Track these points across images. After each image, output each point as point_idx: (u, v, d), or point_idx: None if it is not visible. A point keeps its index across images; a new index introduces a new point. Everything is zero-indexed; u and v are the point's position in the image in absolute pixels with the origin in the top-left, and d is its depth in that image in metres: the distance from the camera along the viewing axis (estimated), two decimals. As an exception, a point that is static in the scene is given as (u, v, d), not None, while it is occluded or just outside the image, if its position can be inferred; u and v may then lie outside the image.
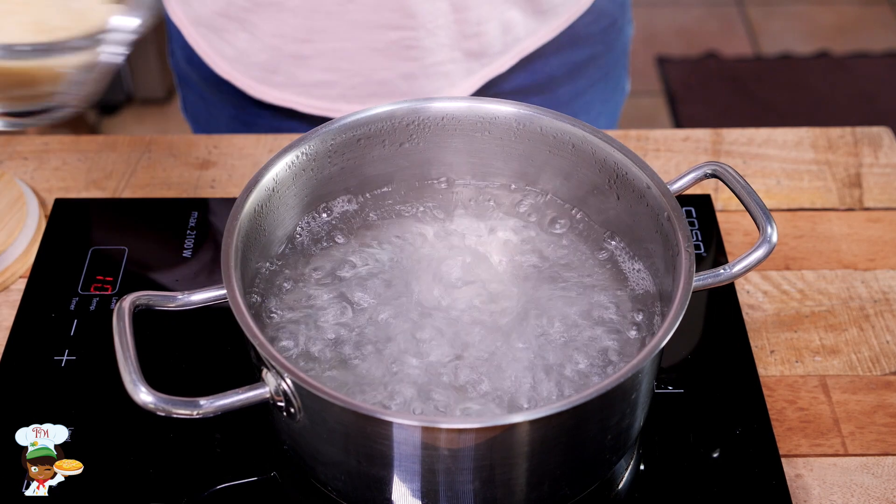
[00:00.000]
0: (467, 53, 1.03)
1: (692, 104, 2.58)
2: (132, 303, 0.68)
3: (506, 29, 1.04)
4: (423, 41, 1.01)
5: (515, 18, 1.03)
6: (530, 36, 1.06)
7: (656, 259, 0.75)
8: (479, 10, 1.01)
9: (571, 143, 0.79)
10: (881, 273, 0.91)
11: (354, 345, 0.73)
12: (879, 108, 2.56)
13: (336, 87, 1.05)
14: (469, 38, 1.02)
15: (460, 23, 1.01)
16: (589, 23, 1.09)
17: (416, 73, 1.03)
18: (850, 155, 1.01)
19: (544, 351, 0.72)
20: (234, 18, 1.03)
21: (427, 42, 1.01)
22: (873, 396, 0.81)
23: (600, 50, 1.13)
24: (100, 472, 0.74)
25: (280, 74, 1.05)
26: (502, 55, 1.06)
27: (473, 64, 1.05)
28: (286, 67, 1.04)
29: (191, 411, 0.64)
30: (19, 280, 0.90)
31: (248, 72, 1.07)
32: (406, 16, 0.99)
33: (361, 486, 0.69)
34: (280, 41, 1.02)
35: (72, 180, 0.98)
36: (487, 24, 1.02)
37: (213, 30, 1.06)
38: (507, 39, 1.05)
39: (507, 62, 1.06)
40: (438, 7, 0.99)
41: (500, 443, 0.64)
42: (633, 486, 0.75)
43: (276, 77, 1.06)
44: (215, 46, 1.07)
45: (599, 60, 1.14)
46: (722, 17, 2.87)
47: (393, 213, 0.82)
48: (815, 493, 0.75)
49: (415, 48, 1.01)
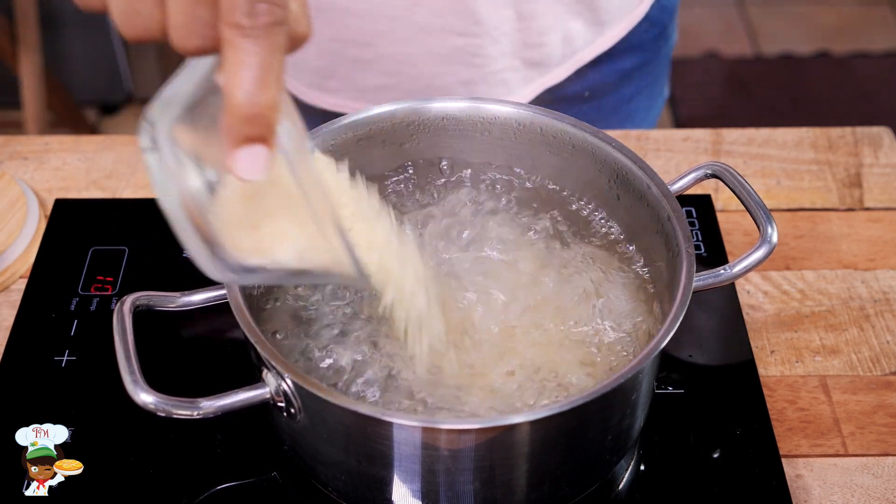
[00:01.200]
0: (527, 62, 1.03)
1: (692, 104, 2.58)
2: (132, 303, 0.68)
3: (567, 40, 1.03)
4: (486, 48, 1.00)
5: (577, 29, 1.03)
6: (588, 46, 1.06)
7: (657, 259, 0.75)
8: (544, 20, 1.00)
9: (571, 144, 0.79)
10: (881, 273, 0.91)
11: (354, 340, 0.73)
12: (879, 108, 2.56)
13: (393, 91, 1.04)
14: (531, 48, 1.02)
15: (524, 31, 1.00)
16: (642, 31, 1.09)
17: (475, 79, 1.03)
18: (851, 155, 1.01)
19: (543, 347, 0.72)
20: None
21: (490, 49, 1.00)
22: (874, 396, 0.81)
23: (650, 57, 1.13)
24: (100, 473, 0.74)
25: (335, 79, 1.04)
26: (561, 65, 1.05)
27: (532, 73, 1.05)
28: (344, 72, 1.03)
29: (191, 412, 0.64)
30: (20, 280, 0.90)
31: (300, 77, 1.06)
32: (472, 22, 0.98)
33: (362, 487, 0.69)
34: (340, 45, 1.01)
35: (72, 180, 0.98)
36: (550, 35, 1.02)
37: None
38: (566, 50, 1.04)
39: (565, 71, 1.06)
40: (504, 15, 0.98)
41: (500, 443, 0.64)
42: (633, 486, 0.75)
43: (331, 82, 1.05)
44: None
45: (648, 67, 1.14)
46: (722, 17, 2.87)
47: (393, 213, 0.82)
48: (815, 494, 0.75)
49: (478, 55, 1.01)
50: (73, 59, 2.35)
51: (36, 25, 1.98)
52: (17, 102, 2.02)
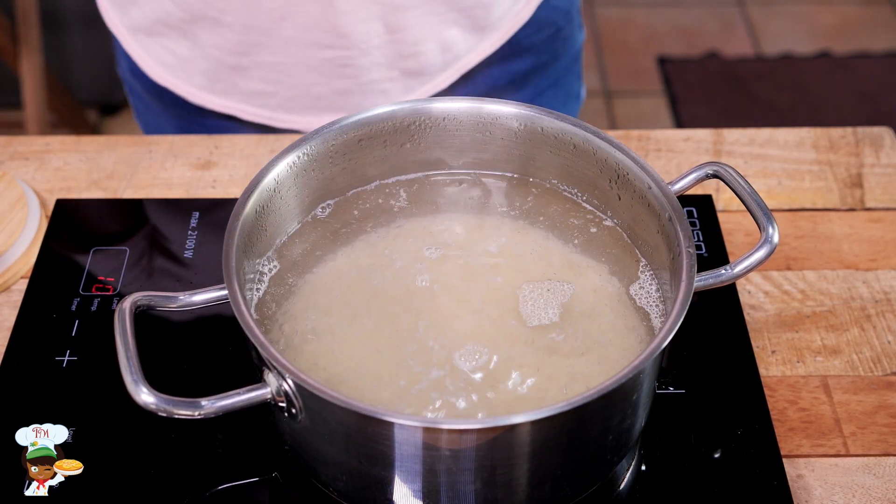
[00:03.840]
0: (405, 72, 1.03)
1: (693, 104, 2.58)
2: (133, 303, 0.68)
3: (445, 48, 1.03)
4: (356, 60, 1.00)
5: (454, 37, 1.02)
6: (470, 52, 1.05)
7: (658, 259, 0.75)
8: (416, 30, 0.99)
9: (573, 144, 0.79)
10: (882, 273, 0.90)
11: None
12: (880, 108, 2.56)
13: (276, 97, 1.05)
14: (406, 58, 1.02)
15: (396, 43, 1.00)
16: (530, 34, 1.08)
17: (351, 89, 1.03)
18: (852, 155, 1.01)
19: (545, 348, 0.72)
20: (175, 27, 1.03)
21: (361, 61, 1.00)
22: (874, 397, 0.81)
23: (546, 59, 1.12)
24: (100, 473, 0.74)
25: (221, 83, 1.05)
26: (442, 72, 1.05)
27: (413, 81, 1.04)
28: (227, 77, 1.04)
29: (192, 412, 0.64)
30: (21, 280, 0.90)
31: (190, 79, 1.07)
32: (338, 36, 0.98)
33: (363, 487, 0.69)
34: (219, 52, 1.02)
35: (73, 181, 0.98)
36: (425, 45, 1.01)
37: (153, 37, 1.05)
38: (446, 57, 1.04)
39: (448, 79, 1.06)
40: (373, 28, 0.98)
41: (501, 443, 0.64)
42: (634, 486, 0.75)
43: (218, 85, 1.06)
44: (155, 55, 1.07)
45: (546, 69, 1.12)
46: (723, 17, 2.87)
47: (394, 213, 0.82)
48: (816, 494, 0.75)
49: (348, 66, 1.01)
50: (75, 60, 2.35)
51: (37, 26, 1.98)
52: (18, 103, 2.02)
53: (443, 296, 0.75)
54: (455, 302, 0.75)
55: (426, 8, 0.99)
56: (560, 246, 0.79)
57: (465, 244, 0.79)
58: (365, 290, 0.76)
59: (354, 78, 1.02)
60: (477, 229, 0.81)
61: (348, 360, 0.72)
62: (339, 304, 0.75)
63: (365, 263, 0.78)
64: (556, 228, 0.81)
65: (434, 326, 0.73)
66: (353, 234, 0.80)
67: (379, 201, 0.82)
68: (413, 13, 0.99)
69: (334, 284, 0.77)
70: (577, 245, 0.79)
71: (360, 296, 0.76)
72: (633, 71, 2.69)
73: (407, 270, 0.77)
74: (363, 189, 0.83)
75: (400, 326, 0.73)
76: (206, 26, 1.01)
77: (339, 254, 0.79)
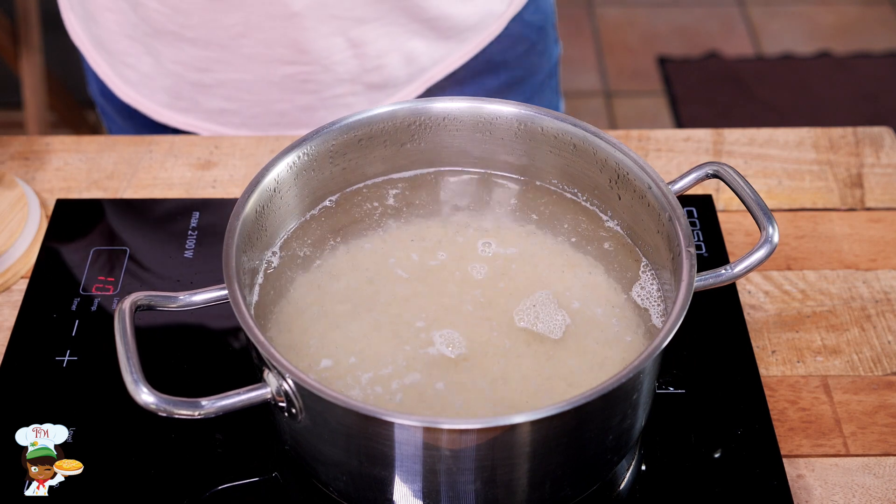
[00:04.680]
0: (369, 86, 1.02)
1: (693, 104, 2.57)
2: (133, 303, 0.68)
3: (409, 60, 1.02)
4: (318, 75, 1.00)
5: (418, 48, 1.02)
6: (437, 64, 1.04)
7: (658, 259, 0.75)
8: (378, 43, 0.99)
9: (573, 144, 0.79)
10: (882, 273, 0.90)
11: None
12: (881, 108, 2.56)
13: (238, 115, 1.05)
14: (370, 72, 1.01)
15: (359, 57, 0.99)
16: (504, 48, 1.07)
17: (314, 104, 1.02)
18: (852, 155, 1.01)
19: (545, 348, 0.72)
20: (138, 41, 1.02)
21: (323, 77, 1.00)
22: (875, 397, 0.81)
23: (520, 74, 1.11)
24: (100, 473, 0.74)
25: (183, 100, 1.05)
26: (407, 85, 1.04)
27: (378, 94, 1.04)
28: (189, 94, 1.04)
29: (192, 412, 0.64)
30: (21, 280, 0.90)
31: (153, 96, 1.07)
32: (299, 52, 0.98)
33: (363, 487, 0.69)
34: (181, 68, 1.02)
35: (73, 181, 0.98)
36: (388, 57, 1.00)
37: (116, 53, 1.05)
38: (411, 70, 1.03)
39: (414, 91, 1.05)
40: (334, 43, 0.97)
41: (501, 443, 0.64)
42: (634, 486, 0.75)
43: (180, 102, 1.05)
44: (119, 71, 1.07)
45: (521, 85, 1.12)
46: (723, 17, 2.87)
47: (393, 213, 0.82)
48: (816, 494, 0.75)
49: (310, 82, 1.00)
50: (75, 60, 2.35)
51: (37, 26, 1.98)
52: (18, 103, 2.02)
53: (442, 296, 0.76)
54: (454, 302, 0.75)
55: (388, 19, 0.99)
56: (560, 246, 0.79)
57: (465, 244, 0.79)
58: (365, 289, 0.76)
59: (317, 93, 1.02)
60: (476, 229, 0.81)
61: (349, 360, 0.72)
62: (339, 303, 0.75)
63: (365, 263, 0.78)
64: (556, 228, 0.81)
65: (434, 326, 0.73)
66: (353, 233, 0.80)
67: (379, 201, 0.82)
68: (373, 25, 0.98)
69: (334, 284, 0.77)
70: (577, 245, 0.79)
71: (360, 295, 0.76)
72: (634, 71, 2.69)
73: (406, 270, 0.77)
74: (363, 189, 0.83)
75: (400, 326, 0.74)
76: (167, 41, 1.00)
77: (339, 253, 0.79)
